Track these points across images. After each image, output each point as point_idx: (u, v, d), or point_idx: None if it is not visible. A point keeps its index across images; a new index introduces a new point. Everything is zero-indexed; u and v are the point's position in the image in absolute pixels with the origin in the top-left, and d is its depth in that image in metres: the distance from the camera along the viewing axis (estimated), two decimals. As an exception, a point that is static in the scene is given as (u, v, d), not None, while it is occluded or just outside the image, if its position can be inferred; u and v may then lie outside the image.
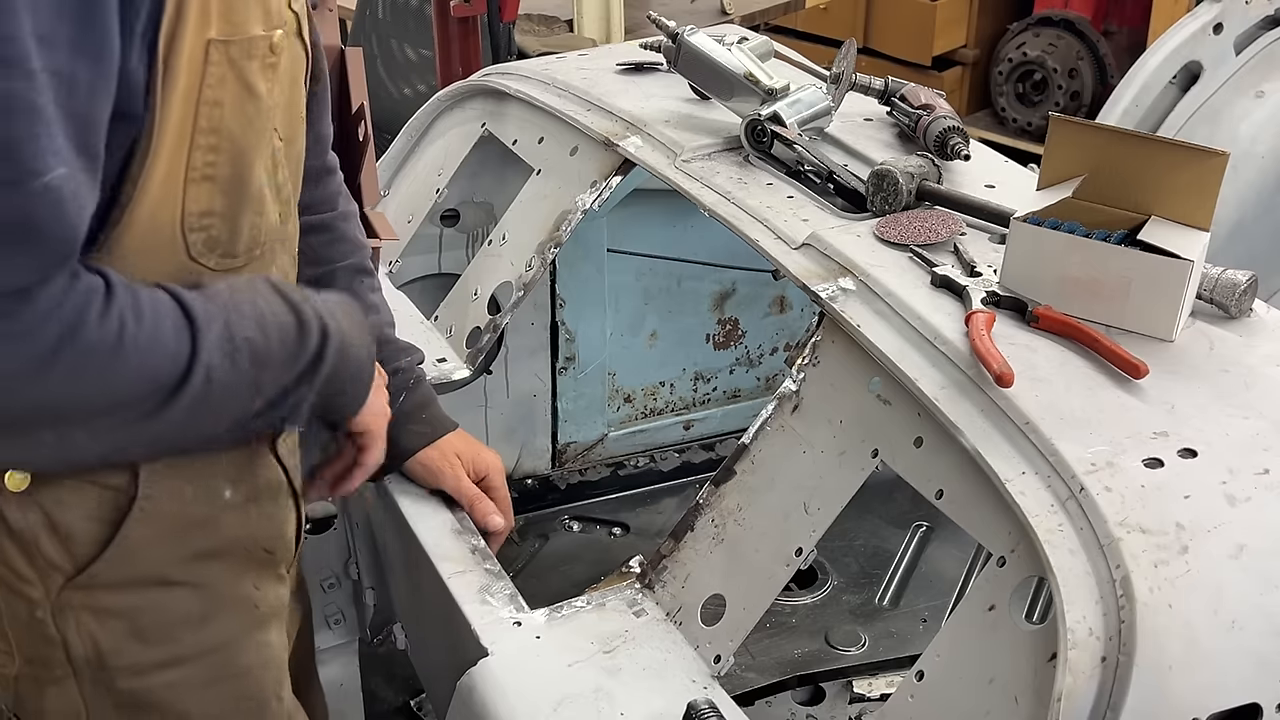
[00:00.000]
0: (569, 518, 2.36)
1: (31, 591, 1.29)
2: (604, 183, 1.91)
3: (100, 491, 1.29)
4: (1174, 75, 2.79)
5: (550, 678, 1.45)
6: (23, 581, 1.28)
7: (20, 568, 1.28)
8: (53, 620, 1.30)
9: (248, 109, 1.23)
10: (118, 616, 1.33)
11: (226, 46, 1.18)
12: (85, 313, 1.12)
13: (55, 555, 1.28)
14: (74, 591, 1.30)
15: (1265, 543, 1.20)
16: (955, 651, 1.30)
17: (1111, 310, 1.44)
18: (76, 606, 1.31)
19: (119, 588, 1.32)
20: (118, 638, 1.33)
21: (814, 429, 1.50)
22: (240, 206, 1.27)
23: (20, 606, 1.29)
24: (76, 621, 1.31)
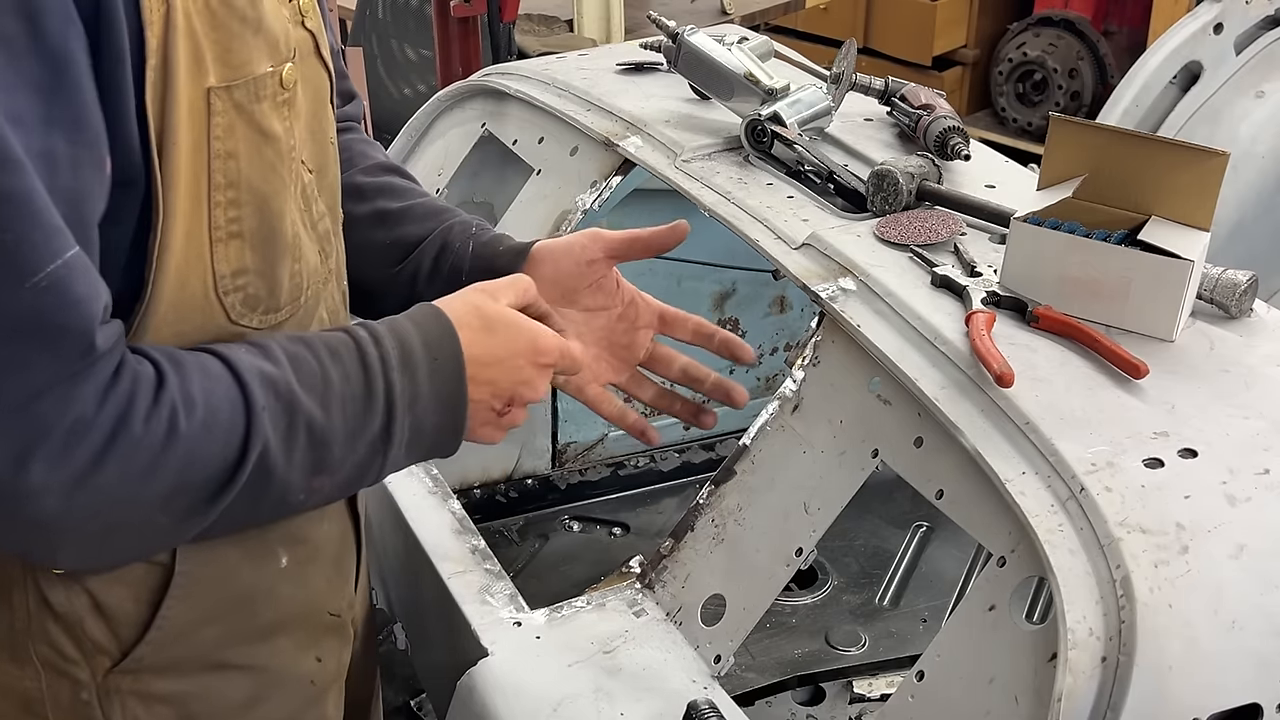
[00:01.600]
0: (569, 518, 2.36)
1: (78, 673, 1.20)
2: (604, 183, 1.91)
3: (143, 568, 1.19)
4: (1174, 75, 2.79)
5: (550, 678, 1.45)
6: (69, 663, 1.20)
7: (66, 649, 1.20)
8: (99, 704, 1.22)
9: (266, 154, 1.13)
10: (165, 703, 1.24)
11: (229, 92, 1.08)
12: (132, 407, 1.02)
13: (101, 638, 1.20)
14: (121, 676, 1.21)
15: (1265, 543, 1.20)
16: (955, 651, 1.30)
17: (1111, 310, 1.44)
18: (124, 691, 1.22)
19: (167, 672, 1.23)
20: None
21: (814, 429, 1.50)
22: (276, 258, 1.16)
23: (65, 689, 1.21)
24: (123, 707, 1.22)
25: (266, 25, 1.12)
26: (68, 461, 1.00)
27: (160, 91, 1.04)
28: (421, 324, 1.21)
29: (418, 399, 1.18)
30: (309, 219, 1.23)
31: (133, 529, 1.09)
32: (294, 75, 1.15)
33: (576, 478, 2.42)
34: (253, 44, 1.11)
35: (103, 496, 1.03)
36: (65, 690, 1.21)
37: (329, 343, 1.16)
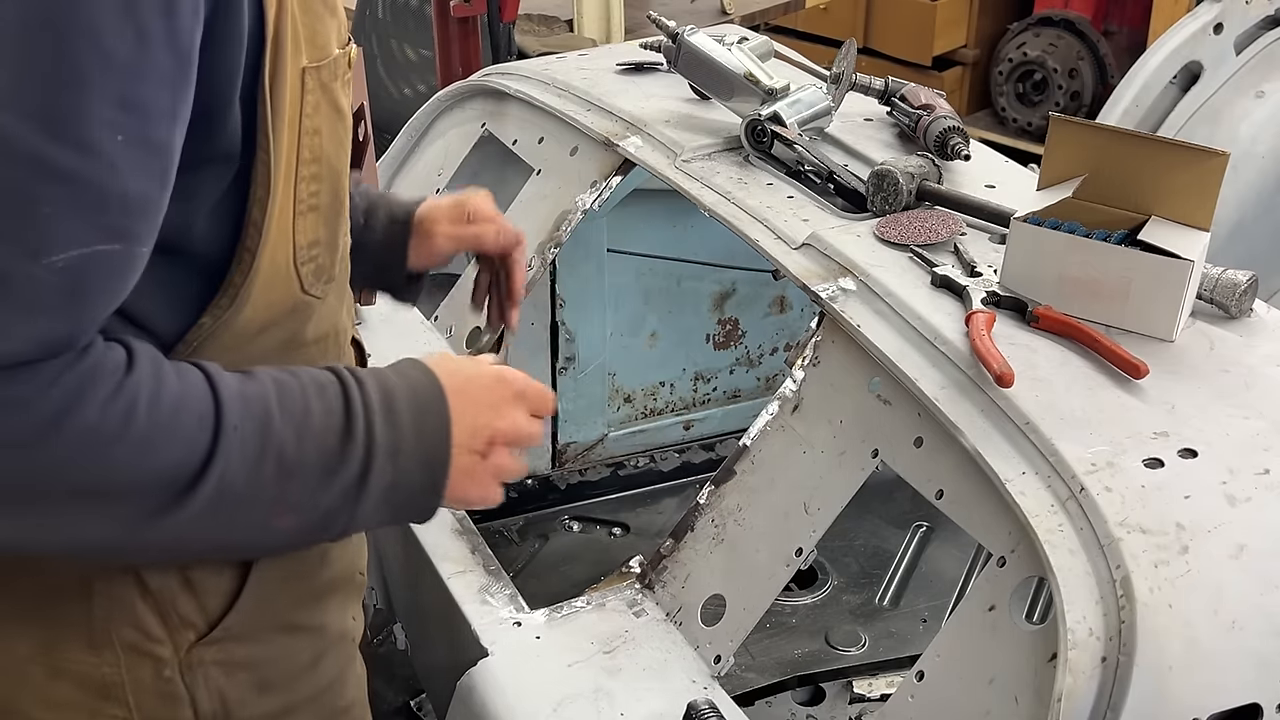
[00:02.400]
0: (569, 518, 2.36)
1: (161, 651, 1.23)
2: (604, 183, 1.91)
3: None
4: (1174, 75, 2.79)
5: (550, 678, 1.45)
6: (153, 642, 1.22)
7: (152, 628, 1.22)
8: (181, 679, 1.24)
9: (339, 131, 1.20)
10: (245, 668, 1.28)
11: (318, 71, 1.15)
12: (88, 390, 1.02)
13: (189, 612, 1.23)
14: (205, 648, 1.24)
15: (1265, 543, 1.20)
16: (955, 651, 1.30)
17: (1111, 310, 1.44)
18: (207, 663, 1.25)
19: (246, 639, 1.26)
20: (244, 690, 1.28)
21: (814, 429, 1.50)
22: (338, 229, 1.23)
23: (146, 669, 1.23)
24: (205, 679, 1.25)
25: (338, 9, 1.21)
26: (14, 424, 1.00)
27: (273, 71, 1.09)
28: (406, 375, 1.21)
29: (399, 452, 1.16)
30: (347, 185, 1.28)
31: (83, 517, 1.07)
32: (356, 54, 1.23)
33: (576, 478, 2.42)
34: (330, 26, 1.18)
35: (41, 471, 1.03)
36: (147, 670, 1.23)
37: (316, 378, 1.15)
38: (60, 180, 0.96)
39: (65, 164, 0.96)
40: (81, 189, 0.97)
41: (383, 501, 1.16)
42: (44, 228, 0.97)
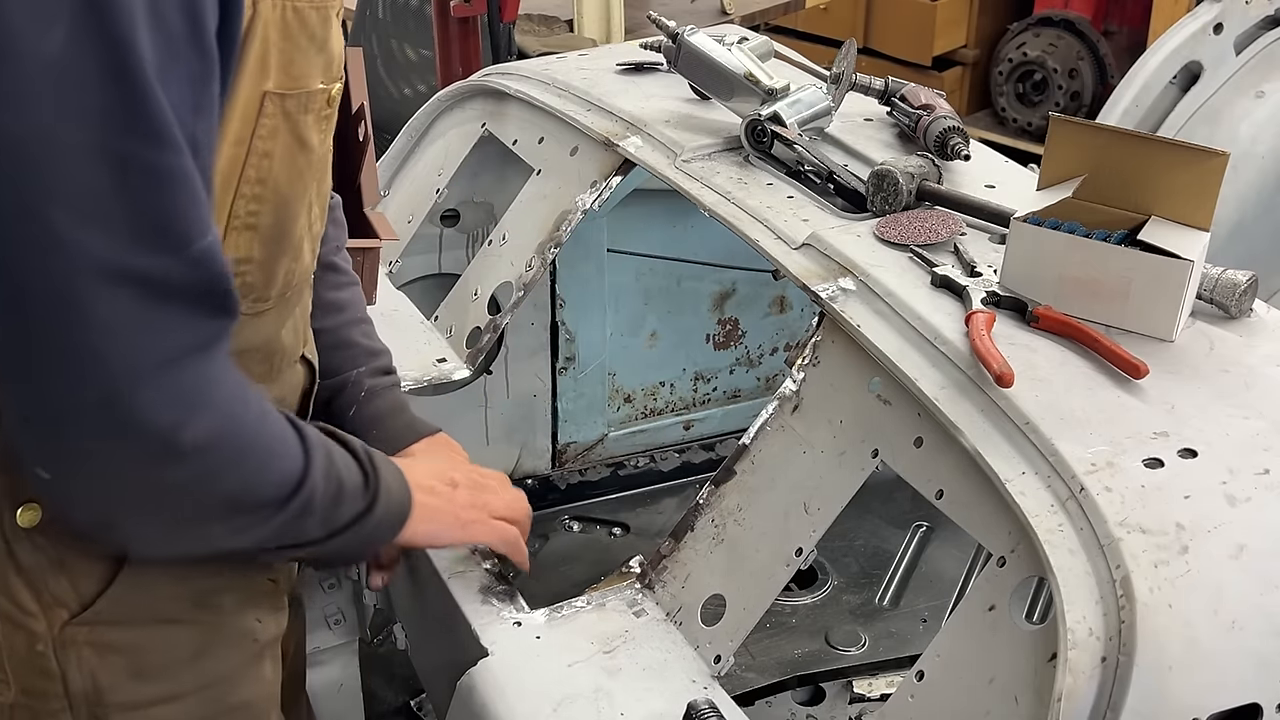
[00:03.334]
0: (569, 518, 2.36)
1: (34, 625, 1.26)
2: (604, 183, 1.91)
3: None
4: (1174, 75, 2.79)
5: (550, 678, 1.45)
6: (27, 615, 1.26)
7: (25, 602, 1.25)
8: (54, 655, 1.27)
9: (298, 161, 1.21)
10: (119, 653, 1.30)
11: (282, 99, 1.16)
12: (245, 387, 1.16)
13: (61, 592, 1.26)
14: (78, 627, 1.27)
15: (1265, 543, 1.20)
16: (955, 651, 1.30)
17: (1111, 310, 1.44)
18: (79, 642, 1.28)
19: (121, 624, 1.29)
20: (117, 674, 1.31)
21: (814, 429, 1.50)
22: (278, 254, 1.25)
23: (20, 640, 1.27)
24: (78, 657, 1.28)
25: (330, 46, 1.21)
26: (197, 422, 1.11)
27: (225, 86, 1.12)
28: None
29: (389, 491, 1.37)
30: (312, 227, 1.31)
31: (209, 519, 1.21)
32: (339, 94, 1.24)
33: (576, 478, 2.42)
34: (314, 60, 1.19)
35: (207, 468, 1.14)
36: (22, 641, 1.27)
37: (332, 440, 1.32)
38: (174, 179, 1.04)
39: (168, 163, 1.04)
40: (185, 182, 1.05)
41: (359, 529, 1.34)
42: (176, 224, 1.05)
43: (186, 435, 1.10)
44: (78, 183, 1.01)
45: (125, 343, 1.06)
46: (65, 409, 1.08)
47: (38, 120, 1.00)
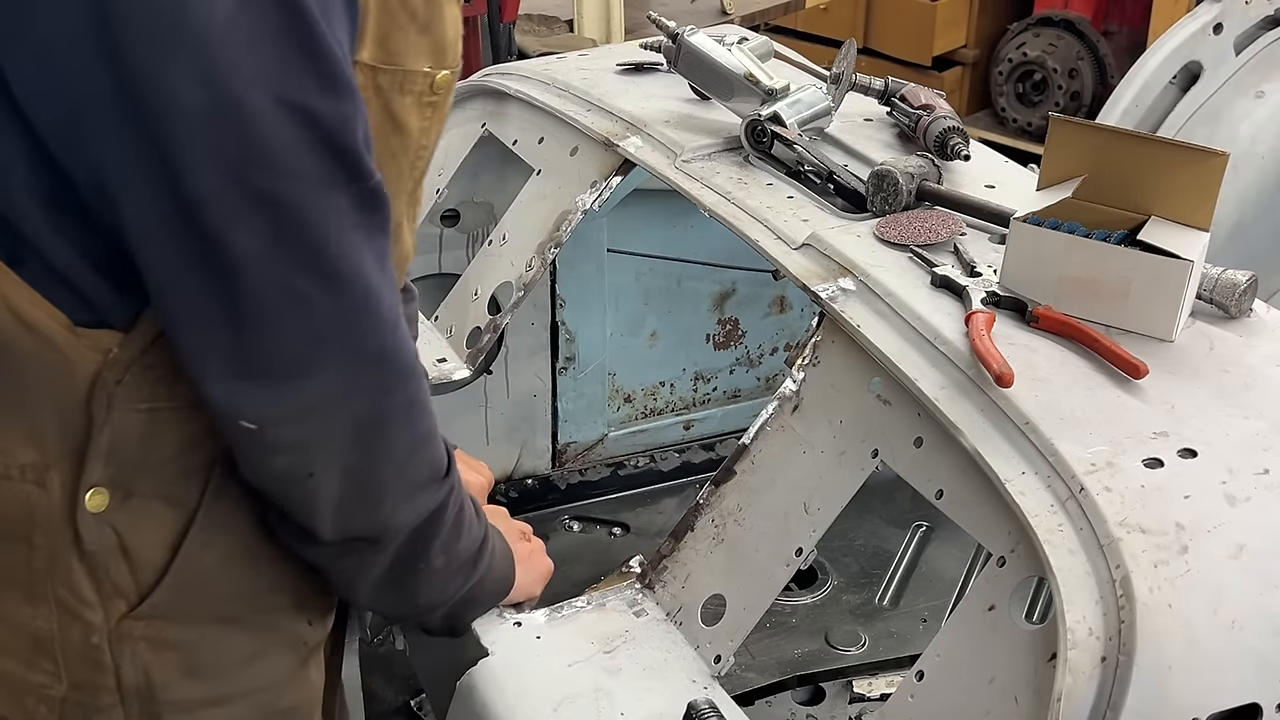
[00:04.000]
0: (569, 518, 2.36)
1: (91, 616, 1.24)
2: (604, 183, 1.91)
3: (171, 511, 1.25)
4: (1174, 75, 2.78)
5: (550, 678, 1.45)
6: (84, 605, 1.24)
7: (85, 591, 1.24)
8: (109, 648, 1.26)
9: (391, 142, 1.21)
10: (174, 650, 1.29)
11: (375, 72, 1.16)
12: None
13: (122, 581, 1.25)
14: (135, 621, 1.26)
15: (1265, 543, 1.20)
16: (955, 651, 1.30)
17: (1111, 310, 1.44)
18: (136, 637, 1.26)
19: (178, 620, 1.28)
20: (171, 672, 1.29)
21: (814, 429, 1.50)
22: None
23: (76, 631, 1.25)
24: (133, 652, 1.27)
25: (436, 28, 1.20)
26: (410, 348, 1.24)
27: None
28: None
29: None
30: (411, 213, 1.33)
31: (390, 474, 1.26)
32: (448, 82, 1.24)
33: (576, 478, 2.42)
34: (415, 40, 1.18)
35: (410, 398, 1.23)
36: (77, 633, 1.25)
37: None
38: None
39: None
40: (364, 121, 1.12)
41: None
42: (365, 162, 1.11)
43: (407, 357, 1.20)
44: (274, 145, 1.05)
45: (376, 281, 1.14)
46: (311, 352, 1.14)
47: (227, 87, 1.02)
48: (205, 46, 1.01)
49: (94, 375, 1.17)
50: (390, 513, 1.28)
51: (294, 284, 1.11)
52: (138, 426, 1.20)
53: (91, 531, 1.22)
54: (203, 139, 1.03)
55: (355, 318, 1.15)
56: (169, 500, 1.25)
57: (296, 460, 1.20)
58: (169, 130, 1.03)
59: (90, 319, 1.16)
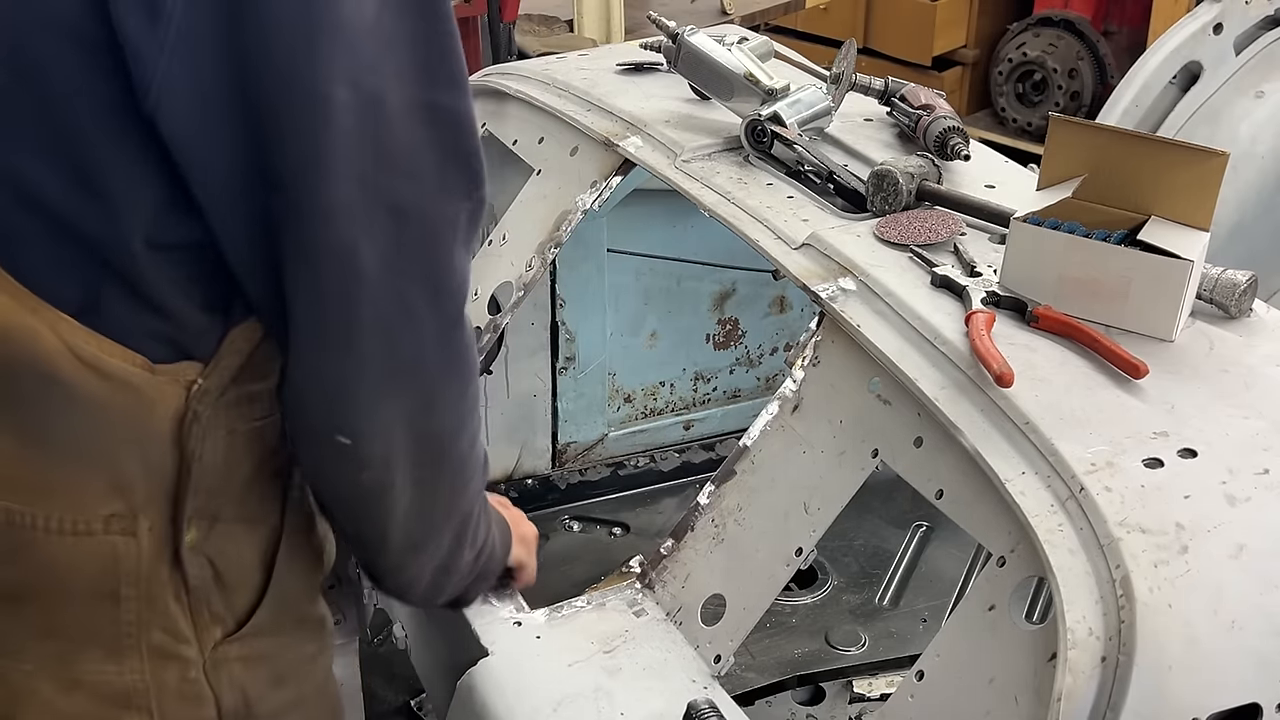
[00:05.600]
0: (569, 518, 2.36)
1: (187, 652, 1.23)
2: (604, 183, 1.91)
3: (253, 530, 1.26)
4: (1174, 75, 2.78)
5: (550, 678, 1.45)
6: (181, 644, 1.23)
7: (181, 629, 1.22)
8: (206, 679, 1.25)
9: None
10: (262, 662, 1.29)
11: None
12: None
13: (219, 609, 1.24)
14: (230, 644, 1.26)
15: (1265, 543, 1.20)
16: (955, 651, 1.30)
17: (1111, 310, 1.44)
18: (231, 659, 1.26)
19: (267, 633, 1.29)
20: (261, 684, 1.29)
21: (814, 429, 1.50)
22: None
23: (171, 674, 1.23)
24: (229, 675, 1.26)
25: None
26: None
27: None
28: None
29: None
30: None
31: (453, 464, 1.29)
32: None
33: (576, 478, 2.42)
34: None
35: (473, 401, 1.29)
36: (173, 674, 1.23)
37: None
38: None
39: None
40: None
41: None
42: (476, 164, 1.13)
43: (476, 365, 1.24)
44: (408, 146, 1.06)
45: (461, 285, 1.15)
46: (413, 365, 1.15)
47: (373, 86, 1.04)
48: (355, 45, 1.02)
49: (179, 410, 1.15)
50: (449, 514, 1.31)
51: (408, 296, 1.11)
52: (222, 453, 1.19)
53: (193, 567, 1.20)
54: (346, 139, 1.04)
55: (453, 332, 1.17)
56: (249, 521, 1.25)
57: (382, 474, 1.20)
58: (315, 131, 1.03)
59: (171, 355, 1.15)
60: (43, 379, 1.11)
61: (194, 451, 1.17)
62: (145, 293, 1.12)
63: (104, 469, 1.15)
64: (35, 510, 1.14)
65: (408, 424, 1.18)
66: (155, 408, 1.15)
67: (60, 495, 1.14)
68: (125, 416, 1.14)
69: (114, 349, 1.12)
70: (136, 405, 1.14)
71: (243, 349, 1.17)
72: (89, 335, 1.11)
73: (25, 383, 1.11)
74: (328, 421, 1.16)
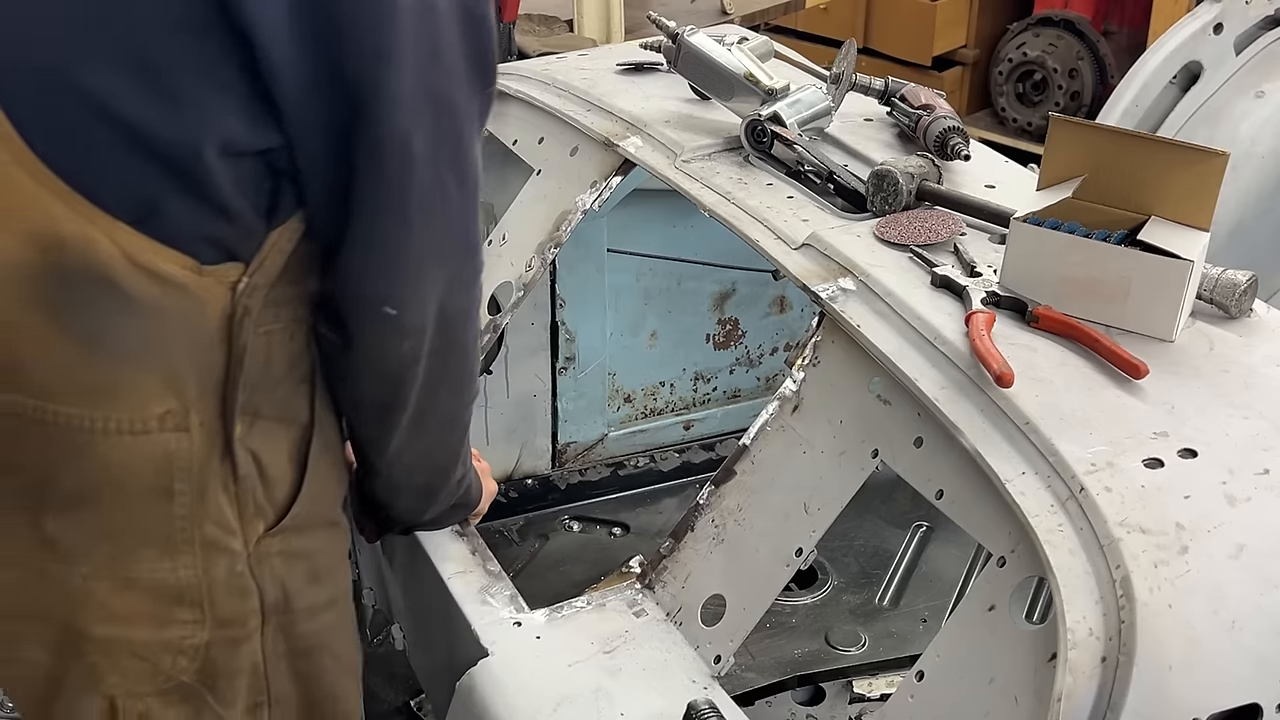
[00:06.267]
0: (569, 518, 2.36)
1: (234, 544, 1.31)
2: (604, 183, 1.91)
3: (287, 428, 1.34)
4: (1174, 75, 2.78)
5: (550, 678, 1.45)
6: (230, 536, 1.30)
7: (230, 521, 1.30)
8: (251, 571, 1.32)
9: None
10: (301, 558, 1.37)
11: None
12: None
13: (262, 502, 1.32)
14: (271, 539, 1.33)
15: (1265, 543, 1.20)
16: (955, 651, 1.30)
17: (1111, 310, 1.44)
18: (272, 553, 1.34)
19: (304, 530, 1.37)
20: (299, 579, 1.37)
21: (814, 429, 1.50)
22: None
23: (221, 566, 1.30)
24: (270, 569, 1.34)
25: None
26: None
27: None
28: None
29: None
30: None
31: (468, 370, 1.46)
32: None
33: (576, 478, 2.42)
34: None
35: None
36: (222, 567, 1.31)
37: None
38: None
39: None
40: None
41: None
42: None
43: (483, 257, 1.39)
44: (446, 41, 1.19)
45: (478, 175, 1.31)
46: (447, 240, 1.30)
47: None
48: None
49: (225, 310, 1.23)
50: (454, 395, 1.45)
51: (443, 179, 1.25)
52: (262, 351, 1.28)
53: (242, 460, 1.28)
54: (410, 36, 1.15)
55: (471, 212, 1.32)
56: (283, 418, 1.33)
57: (418, 343, 1.33)
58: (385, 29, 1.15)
59: (218, 257, 1.22)
60: (100, 285, 1.18)
61: (242, 347, 1.25)
62: (209, 198, 1.19)
63: (158, 368, 1.22)
64: (94, 413, 1.21)
65: (439, 300, 1.31)
66: (205, 307, 1.22)
67: (117, 396, 1.21)
68: (177, 317, 1.21)
69: (167, 253, 1.19)
70: (188, 306, 1.21)
71: (285, 249, 1.25)
72: (144, 241, 1.18)
73: (83, 289, 1.18)
74: (378, 292, 1.28)
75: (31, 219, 1.16)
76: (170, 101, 1.14)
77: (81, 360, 1.20)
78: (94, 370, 1.20)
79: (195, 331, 1.23)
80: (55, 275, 1.17)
